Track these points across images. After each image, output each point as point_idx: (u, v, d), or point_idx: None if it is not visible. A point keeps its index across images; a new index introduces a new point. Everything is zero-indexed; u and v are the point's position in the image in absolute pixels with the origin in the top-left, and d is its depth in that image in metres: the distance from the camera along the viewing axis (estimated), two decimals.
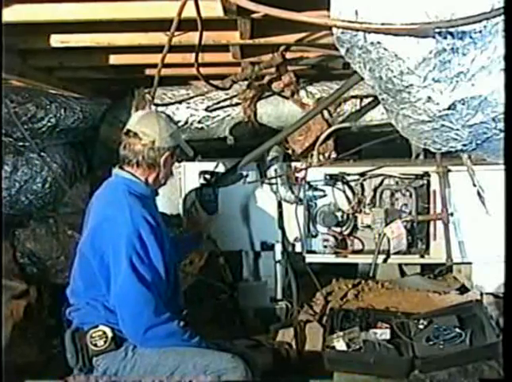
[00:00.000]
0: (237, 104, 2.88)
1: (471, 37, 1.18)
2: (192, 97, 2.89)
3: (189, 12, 1.75)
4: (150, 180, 1.90)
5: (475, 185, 2.53)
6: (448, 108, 1.32)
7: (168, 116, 2.03)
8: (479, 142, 1.41)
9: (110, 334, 1.76)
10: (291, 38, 2.25)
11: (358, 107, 2.87)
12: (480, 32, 1.17)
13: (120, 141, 1.92)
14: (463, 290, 2.86)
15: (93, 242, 1.78)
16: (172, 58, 2.34)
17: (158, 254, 1.74)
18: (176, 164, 2.08)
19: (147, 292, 1.69)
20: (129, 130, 1.88)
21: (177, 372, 1.73)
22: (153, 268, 1.73)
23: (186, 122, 2.91)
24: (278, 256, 2.78)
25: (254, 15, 1.87)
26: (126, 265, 1.68)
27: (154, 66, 2.35)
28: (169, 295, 1.85)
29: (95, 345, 1.75)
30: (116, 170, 1.91)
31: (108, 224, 1.76)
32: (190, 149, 2.04)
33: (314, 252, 2.78)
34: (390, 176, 2.72)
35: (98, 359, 1.77)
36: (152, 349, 1.75)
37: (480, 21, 1.12)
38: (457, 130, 1.39)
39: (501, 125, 1.32)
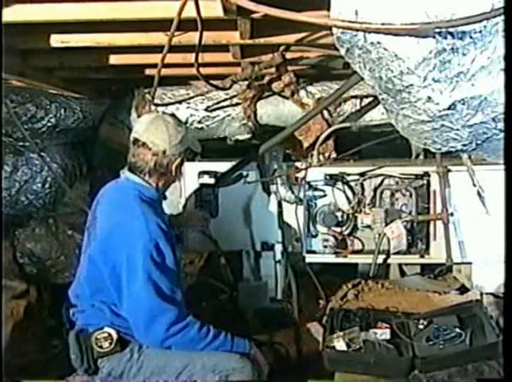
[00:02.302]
0: (237, 104, 2.88)
1: (471, 37, 1.18)
2: (192, 97, 2.89)
3: (189, 12, 1.74)
4: (161, 185, 1.88)
5: (475, 185, 2.53)
6: (448, 108, 1.32)
7: (174, 116, 1.97)
8: (479, 142, 1.41)
9: (115, 336, 1.75)
10: (291, 38, 2.24)
11: (358, 107, 2.87)
12: (480, 32, 1.17)
13: (127, 148, 1.89)
14: (463, 290, 2.86)
15: (105, 249, 1.74)
16: (172, 58, 2.34)
17: (174, 261, 1.72)
18: None
19: (163, 303, 1.67)
20: (137, 139, 1.83)
21: (185, 372, 1.72)
22: (169, 277, 1.70)
23: (186, 122, 2.90)
24: (278, 256, 2.78)
25: (254, 15, 1.86)
26: (142, 276, 1.66)
27: (154, 66, 2.34)
28: None
29: (101, 347, 1.74)
30: (127, 173, 1.86)
31: (121, 231, 1.72)
32: (198, 144, 2.01)
33: (314, 252, 2.78)
34: (390, 176, 2.72)
35: (102, 361, 1.76)
36: (159, 350, 1.74)
37: (480, 21, 1.12)
38: (457, 130, 1.39)
39: (501, 125, 1.32)
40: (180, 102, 2.89)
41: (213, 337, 1.73)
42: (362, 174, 2.73)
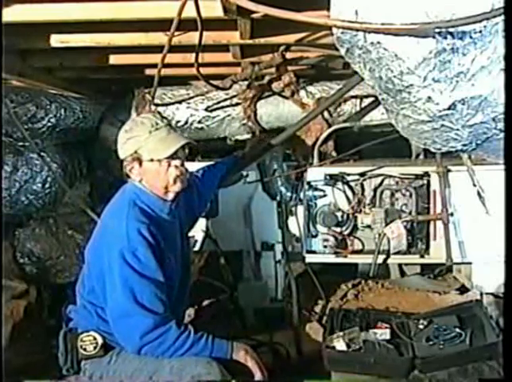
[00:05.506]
0: (237, 104, 2.89)
1: (471, 37, 1.18)
2: (192, 97, 2.89)
3: (189, 12, 1.75)
4: (155, 191, 1.79)
5: (475, 185, 2.53)
6: (448, 108, 1.32)
7: (152, 116, 1.82)
8: (479, 142, 1.41)
9: (100, 341, 1.75)
10: (291, 38, 2.25)
11: (358, 108, 2.87)
12: (480, 32, 1.17)
13: None
14: (463, 290, 2.86)
15: (94, 252, 1.77)
16: (172, 58, 2.34)
17: (156, 270, 1.69)
18: None
19: (138, 309, 1.65)
20: None
21: (155, 377, 1.70)
22: (149, 284, 1.68)
23: (186, 122, 2.91)
24: (278, 256, 2.78)
25: (254, 15, 1.87)
26: (119, 281, 1.66)
27: (154, 66, 2.35)
28: (172, 300, 1.80)
29: (85, 350, 1.75)
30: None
31: (107, 236, 1.74)
32: (170, 143, 1.74)
33: (314, 252, 2.77)
34: (390, 176, 2.71)
35: (86, 363, 1.77)
36: (133, 354, 1.72)
37: (480, 21, 1.12)
38: (457, 130, 1.39)
39: (501, 125, 1.32)
40: (180, 102, 2.90)
41: (190, 346, 1.69)
42: (362, 174, 2.72)
